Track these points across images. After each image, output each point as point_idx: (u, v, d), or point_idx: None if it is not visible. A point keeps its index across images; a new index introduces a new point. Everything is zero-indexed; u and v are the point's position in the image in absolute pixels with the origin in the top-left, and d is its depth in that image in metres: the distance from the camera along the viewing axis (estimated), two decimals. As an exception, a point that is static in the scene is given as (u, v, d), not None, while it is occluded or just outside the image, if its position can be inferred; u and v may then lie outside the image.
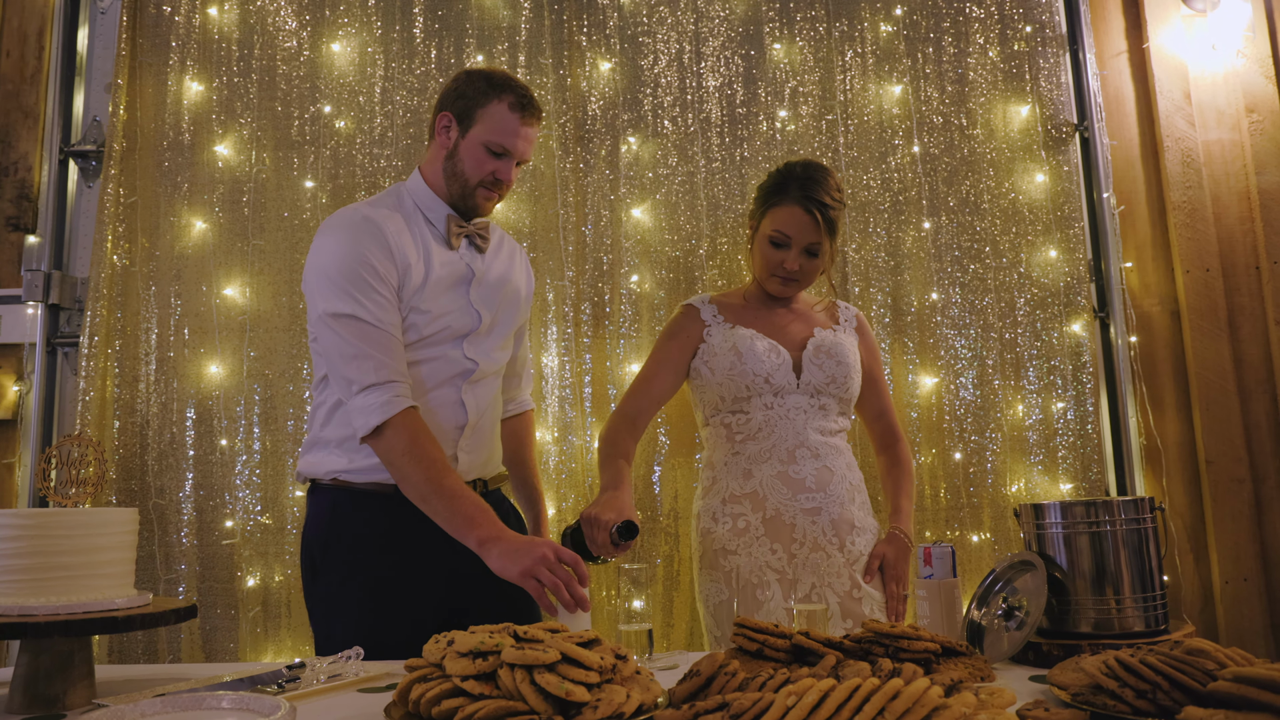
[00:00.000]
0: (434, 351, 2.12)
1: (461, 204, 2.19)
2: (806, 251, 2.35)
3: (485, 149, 2.14)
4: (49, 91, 3.07)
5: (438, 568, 2.09)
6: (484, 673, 1.20)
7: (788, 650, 1.49)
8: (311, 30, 3.04)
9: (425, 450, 1.97)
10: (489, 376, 2.22)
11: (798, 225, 2.33)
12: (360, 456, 2.09)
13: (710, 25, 3.10)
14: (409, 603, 2.07)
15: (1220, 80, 3.17)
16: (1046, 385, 2.98)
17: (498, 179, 2.16)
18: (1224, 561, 2.95)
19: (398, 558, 2.08)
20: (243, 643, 2.76)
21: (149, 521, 2.77)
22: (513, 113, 2.13)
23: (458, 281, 2.16)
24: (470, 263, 2.20)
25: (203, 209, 2.93)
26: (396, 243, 2.07)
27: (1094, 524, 1.79)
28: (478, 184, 2.16)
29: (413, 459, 1.96)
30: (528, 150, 2.18)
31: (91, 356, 2.79)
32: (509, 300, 2.27)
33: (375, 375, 1.98)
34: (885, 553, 2.33)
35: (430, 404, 2.11)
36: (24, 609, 1.47)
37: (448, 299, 2.14)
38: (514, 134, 2.14)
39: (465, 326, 2.15)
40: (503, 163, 2.15)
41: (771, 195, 2.37)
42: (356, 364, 1.99)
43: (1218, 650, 1.28)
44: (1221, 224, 3.11)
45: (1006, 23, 3.14)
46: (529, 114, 2.15)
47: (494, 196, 2.19)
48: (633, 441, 2.35)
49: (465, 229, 2.20)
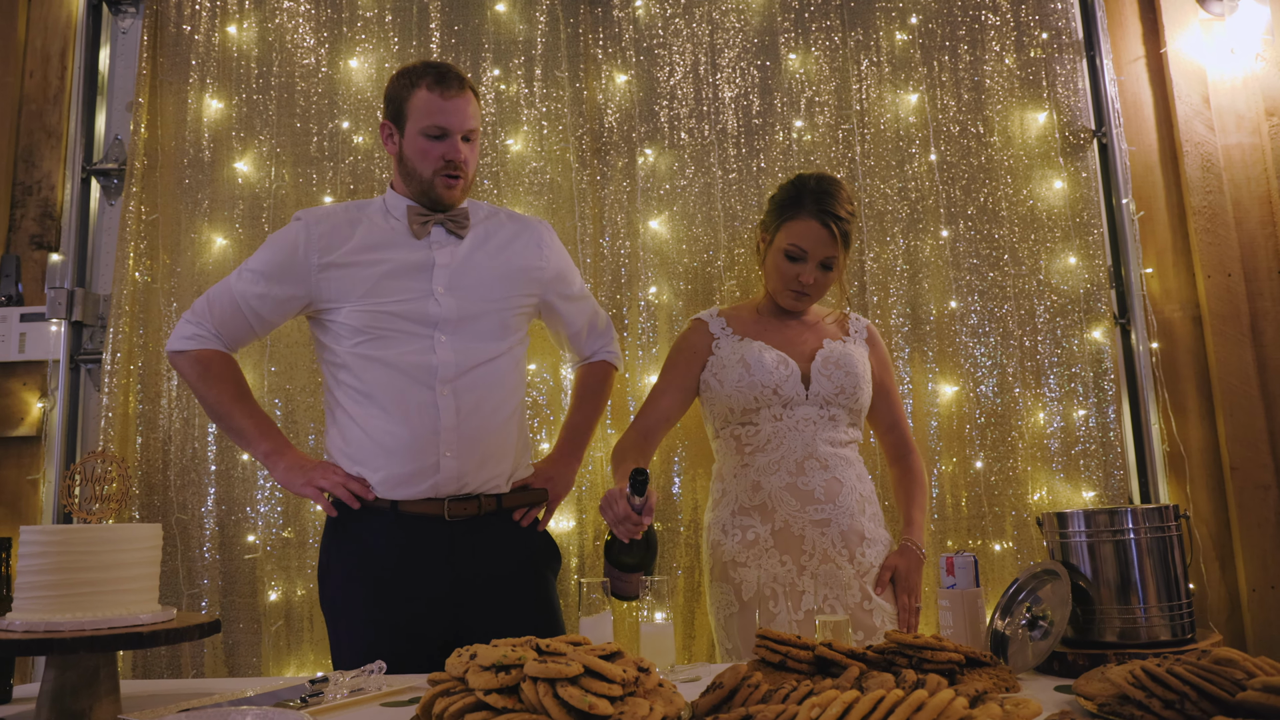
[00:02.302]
0: (396, 351, 2.11)
1: (429, 201, 2.21)
2: (821, 265, 2.35)
3: (424, 137, 2.16)
4: (71, 111, 3.11)
5: (440, 573, 2.10)
6: (507, 686, 1.20)
7: (810, 662, 1.49)
8: (329, 47, 3.07)
9: (220, 375, 2.19)
10: (476, 370, 2.16)
11: (813, 239, 2.32)
12: (366, 470, 2.12)
13: (725, 36, 3.11)
14: (412, 607, 2.08)
15: (1239, 84, 3.16)
16: (1068, 392, 2.96)
17: (448, 160, 2.16)
18: (1251, 568, 2.92)
19: (401, 565, 2.09)
20: (265, 657, 2.77)
21: (171, 537, 2.78)
22: (431, 92, 2.15)
23: (415, 269, 2.16)
24: (436, 252, 2.19)
25: (223, 225, 2.95)
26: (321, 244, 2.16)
27: (1118, 532, 1.77)
28: (433, 175, 2.17)
29: (206, 382, 2.18)
30: (465, 121, 2.17)
31: (114, 373, 2.81)
32: (501, 283, 2.23)
33: (203, 319, 2.20)
34: (897, 564, 2.32)
35: (400, 408, 2.10)
36: (50, 625, 1.49)
37: (404, 287, 2.14)
38: (440, 111, 2.15)
39: (424, 314, 2.13)
40: (446, 144, 2.16)
41: (786, 209, 2.36)
42: (203, 303, 2.22)
43: (1246, 659, 1.26)
44: (1242, 228, 3.09)
45: (1022, 29, 3.13)
46: (447, 85, 2.15)
47: (456, 182, 2.19)
48: (643, 458, 2.34)
49: (431, 216, 2.21)
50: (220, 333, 2.20)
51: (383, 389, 2.11)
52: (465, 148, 2.18)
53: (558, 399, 2.89)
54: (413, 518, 2.10)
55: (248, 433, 2.18)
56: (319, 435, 2.85)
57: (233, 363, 2.24)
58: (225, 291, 2.21)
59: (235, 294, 2.19)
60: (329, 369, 2.21)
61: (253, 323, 2.21)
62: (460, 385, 2.13)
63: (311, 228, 2.19)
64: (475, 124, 2.20)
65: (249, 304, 2.19)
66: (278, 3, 3.07)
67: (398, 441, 2.10)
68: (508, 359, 2.23)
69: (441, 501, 2.11)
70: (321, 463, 2.16)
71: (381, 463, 2.11)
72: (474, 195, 2.97)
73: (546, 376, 2.90)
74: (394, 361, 2.11)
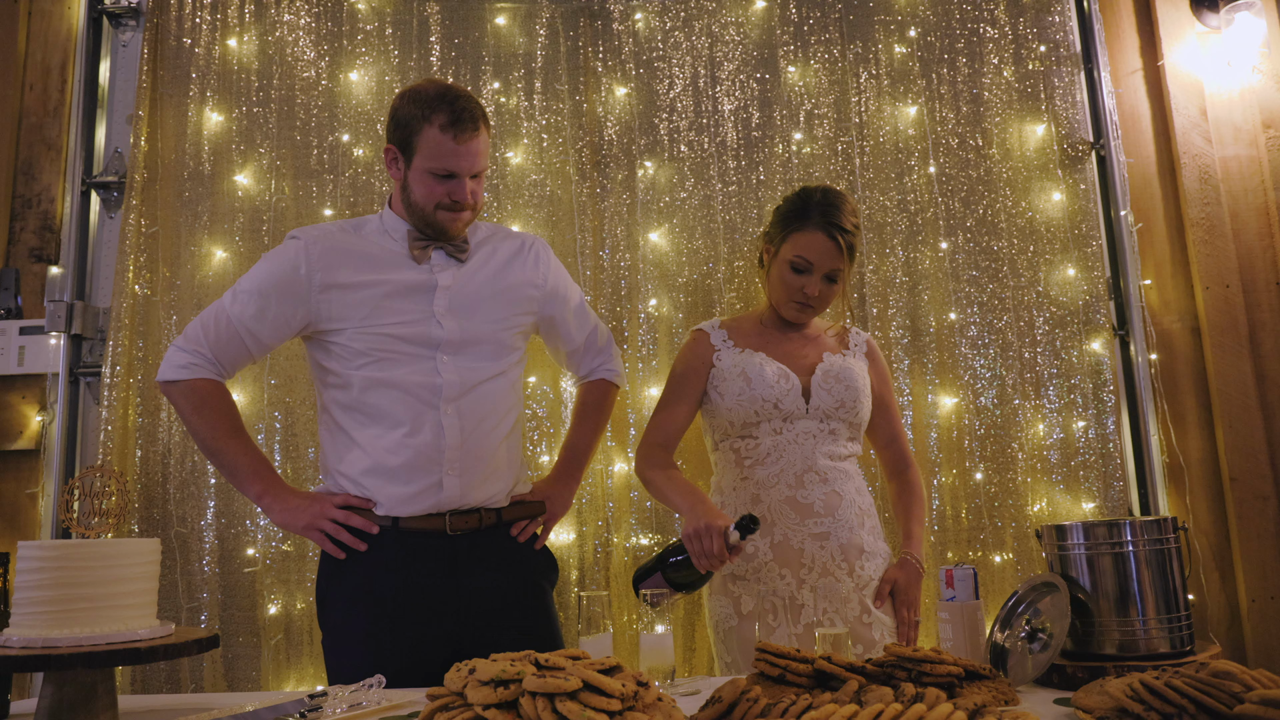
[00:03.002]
0: (400, 372, 2.11)
1: (430, 230, 2.18)
2: (826, 277, 2.35)
3: (431, 175, 2.11)
4: (71, 124, 3.11)
5: (442, 591, 2.10)
6: (505, 701, 1.20)
7: (810, 675, 1.48)
8: (330, 60, 3.08)
9: (215, 408, 2.13)
10: (478, 389, 2.15)
11: (820, 251, 2.32)
12: (368, 490, 2.11)
13: (725, 49, 3.12)
14: (415, 626, 2.08)
15: (1236, 96, 3.17)
16: (1067, 404, 2.96)
17: (454, 200, 2.12)
18: (1250, 580, 2.92)
19: (402, 582, 2.09)
20: (265, 671, 2.77)
21: (171, 550, 2.78)
22: (445, 134, 2.07)
23: (416, 291, 2.14)
24: (438, 274, 2.17)
25: (223, 238, 2.96)
26: (321, 264, 2.13)
27: (1117, 544, 1.77)
28: (435, 209, 2.14)
29: (200, 415, 2.12)
30: (474, 164, 2.12)
31: (113, 386, 2.81)
32: (501, 304, 2.22)
33: (198, 345, 2.14)
34: (897, 578, 2.32)
35: (404, 428, 2.09)
36: (48, 640, 1.48)
37: (405, 309, 2.13)
38: (452, 155, 2.08)
39: (426, 336, 2.12)
40: (453, 184, 2.11)
41: (792, 220, 2.35)
42: (196, 328, 2.16)
43: (1244, 672, 1.27)
44: (1240, 240, 3.09)
45: (1020, 42, 3.14)
46: (462, 130, 2.07)
47: (459, 217, 2.15)
48: (673, 465, 2.34)
49: (430, 243, 2.19)
50: (216, 358, 2.15)
51: (387, 409, 2.10)
52: (472, 183, 2.14)
53: (558, 412, 2.89)
54: (414, 533, 2.09)
55: (241, 471, 2.13)
56: (319, 448, 2.85)
57: (227, 394, 2.19)
58: (220, 314, 2.15)
59: (231, 316, 2.14)
60: (328, 390, 2.18)
61: (249, 345, 2.16)
62: (463, 404, 2.13)
63: (310, 247, 2.16)
64: (484, 163, 2.15)
65: (246, 325, 2.14)
66: (278, 16, 3.08)
67: (401, 461, 2.09)
68: (507, 377, 2.23)
69: (443, 516, 2.10)
70: (317, 498, 2.12)
71: (384, 482, 2.10)
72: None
73: (546, 389, 2.90)
74: (399, 382, 2.10)
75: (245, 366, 2.25)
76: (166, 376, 2.15)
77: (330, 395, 2.18)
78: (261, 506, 2.14)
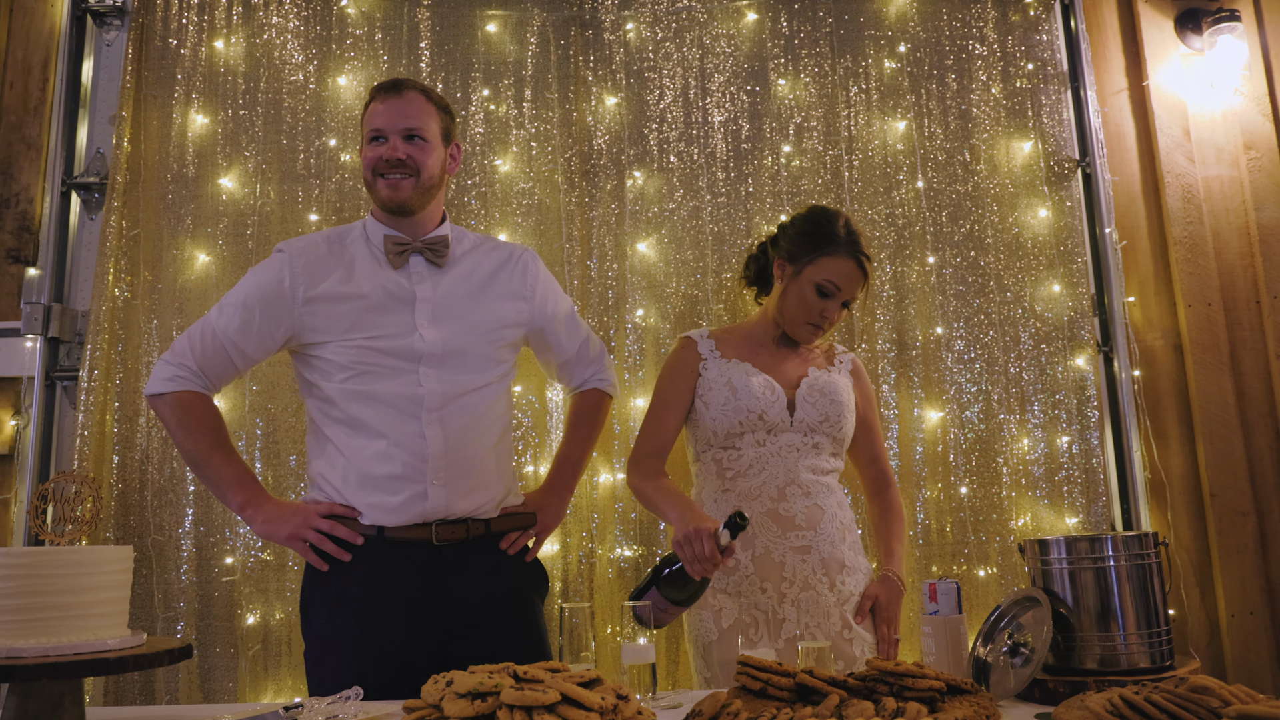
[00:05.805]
0: (382, 385, 2.09)
1: (380, 206, 2.20)
2: (845, 303, 2.36)
3: (367, 145, 2.17)
4: (52, 123, 3.07)
5: (428, 602, 2.08)
6: (483, 714, 1.18)
7: (791, 689, 1.47)
8: (318, 64, 3.06)
9: (200, 420, 2.13)
10: (461, 400, 2.13)
11: (849, 278, 2.33)
12: (354, 500, 2.09)
13: (715, 61, 3.12)
14: (399, 637, 2.05)
15: (1219, 118, 3.19)
16: (1051, 419, 2.97)
17: (384, 160, 2.14)
18: (1230, 595, 2.93)
19: (387, 592, 2.06)
20: (242, 682, 2.73)
21: (147, 558, 2.74)
22: (375, 102, 2.17)
23: (397, 303, 2.14)
24: (417, 285, 2.16)
25: (206, 242, 2.93)
26: (305, 277, 2.12)
27: (1098, 559, 1.78)
28: (374, 178, 2.17)
29: (185, 428, 2.12)
30: (401, 120, 2.15)
31: (91, 390, 2.77)
32: (485, 317, 2.20)
33: (184, 359, 2.14)
34: (878, 594, 2.31)
35: (387, 439, 2.08)
36: (12, 650, 1.45)
37: (386, 322, 2.12)
38: (375, 114, 2.16)
39: (408, 349, 2.11)
40: (384, 146, 2.15)
41: (820, 244, 2.33)
42: (183, 342, 2.16)
43: (1222, 688, 1.27)
44: (1222, 259, 3.12)
45: (1009, 60, 3.16)
46: (387, 92, 2.16)
47: (398, 184, 2.15)
48: (664, 474, 2.33)
49: (408, 245, 2.18)
50: (203, 371, 2.14)
51: (370, 421, 2.09)
52: (407, 146, 2.14)
53: (544, 422, 2.88)
54: (399, 543, 2.07)
55: (224, 483, 2.13)
56: (300, 456, 2.82)
57: (213, 407, 2.19)
58: (205, 328, 2.16)
59: (217, 330, 2.14)
60: (315, 402, 2.17)
61: (234, 358, 2.15)
62: (446, 414, 2.11)
63: (295, 260, 2.15)
64: (419, 123, 2.15)
65: (230, 339, 2.13)
66: (266, 18, 3.06)
67: (386, 471, 2.07)
68: (494, 388, 2.21)
69: (429, 526, 2.08)
70: (301, 508, 2.11)
71: (369, 492, 2.08)
72: (462, 217, 2.96)
73: (532, 399, 2.89)
74: (381, 395, 2.09)
75: (232, 380, 2.24)
76: (153, 390, 2.16)
77: (315, 407, 2.17)
78: (244, 518, 2.13)
